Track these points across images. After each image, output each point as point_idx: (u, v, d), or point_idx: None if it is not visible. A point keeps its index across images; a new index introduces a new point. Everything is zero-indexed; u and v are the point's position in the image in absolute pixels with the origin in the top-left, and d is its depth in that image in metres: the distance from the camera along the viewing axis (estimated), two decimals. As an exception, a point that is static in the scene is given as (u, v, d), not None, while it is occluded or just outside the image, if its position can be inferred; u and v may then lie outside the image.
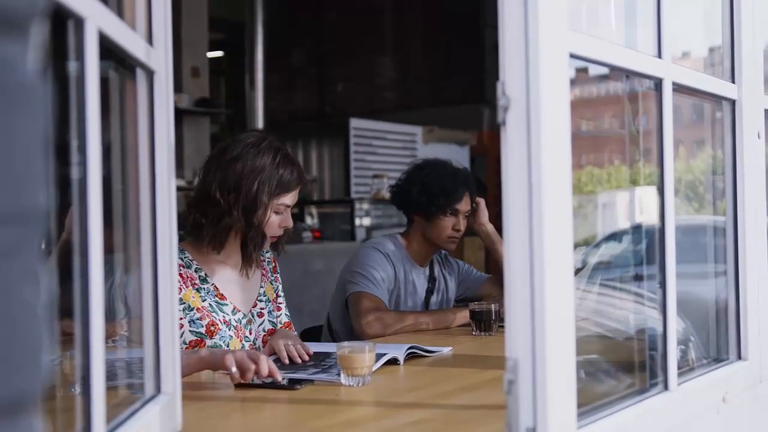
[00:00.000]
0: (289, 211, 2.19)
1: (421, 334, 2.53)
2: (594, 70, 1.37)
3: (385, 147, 7.43)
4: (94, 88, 0.90)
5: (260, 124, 7.69)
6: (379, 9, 8.89)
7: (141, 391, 1.25)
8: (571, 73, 1.14)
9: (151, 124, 1.24)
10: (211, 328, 2.09)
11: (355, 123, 7.31)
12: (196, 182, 2.28)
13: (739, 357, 1.69)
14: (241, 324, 2.18)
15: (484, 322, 2.50)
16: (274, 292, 2.34)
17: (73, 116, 0.89)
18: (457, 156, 5.60)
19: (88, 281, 0.90)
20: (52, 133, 0.58)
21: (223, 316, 2.14)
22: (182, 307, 2.06)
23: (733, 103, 1.69)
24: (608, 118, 1.91)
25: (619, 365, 1.57)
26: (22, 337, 0.52)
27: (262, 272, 2.31)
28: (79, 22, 0.89)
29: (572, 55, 1.13)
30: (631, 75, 1.49)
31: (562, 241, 1.08)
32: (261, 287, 2.29)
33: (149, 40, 1.23)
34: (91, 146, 0.90)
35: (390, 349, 2.02)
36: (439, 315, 2.71)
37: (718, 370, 1.63)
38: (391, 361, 1.98)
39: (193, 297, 2.10)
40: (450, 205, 2.78)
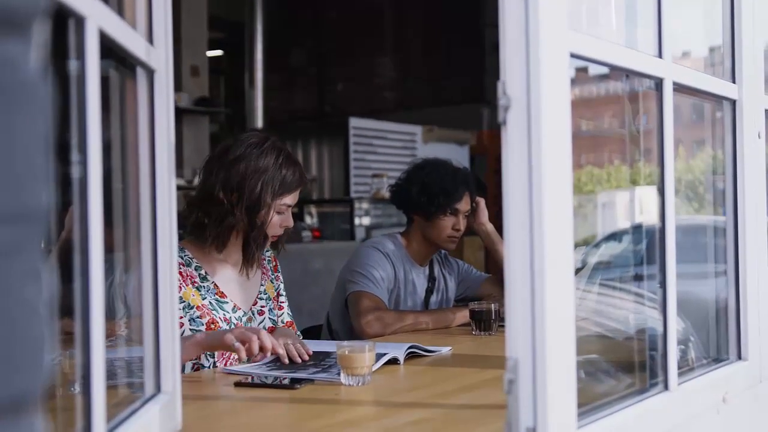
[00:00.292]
0: (290, 210, 2.20)
1: (420, 334, 2.53)
2: (594, 70, 1.37)
3: (384, 146, 7.43)
4: (94, 87, 0.90)
5: (260, 123, 7.69)
6: (379, 8, 8.89)
7: (141, 390, 1.25)
8: (571, 73, 1.14)
9: (151, 123, 1.24)
10: (212, 326, 2.09)
11: (354, 122, 7.31)
12: (198, 182, 2.29)
13: (739, 357, 1.69)
14: (242, 322, 2.18)
15: (484, 322, 2.50)
16: (275, 291, 2.34)
17: (73, 115, 0.89)
18: (456, 155, 5.61)
19: (89, 280, 0.89)
20: (53, 132, 0.58)
21: (224, 314, 2.14)
22: (182, 305, 2.07)
23: (734, 103, 1.69)
24: (608, 118, 1.91)
25: (619, 365, 1.57)
26: (23, 337, 0.52)
27: (262, 271, 2.31)
28: (80, 21, 0.89)
29: (573, 55, 1.13)
30: (632, 75, 1.49)
31: (563, 241, 1.08)
32: (261, 285, 2.29)
33: (150, 39, 1.23)
34: (92, 145, 0.90)
35: (390, 349, 2.02)
36: (439, 314, 2.71)
37: (718, 370, 1.63)
38: (391, 361, 1.98)
39: (193, 295, 2.10)
40: (450, 204, 2.78)
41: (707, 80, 1.63)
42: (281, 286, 2.38)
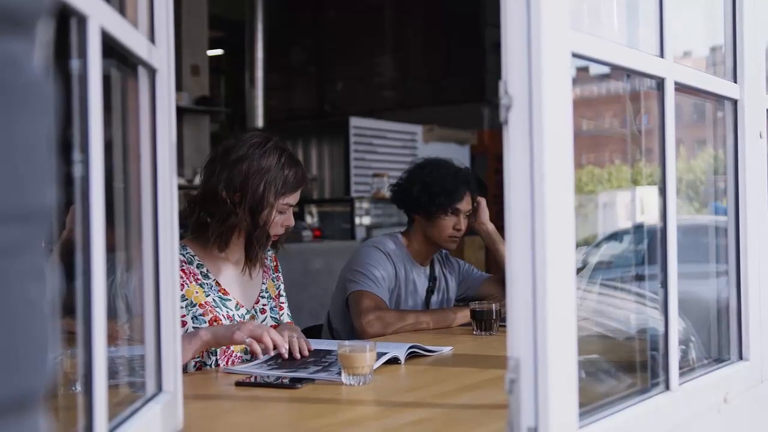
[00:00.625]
0: (291, 210, 2.21)
1: (421, 334, 2.53)
2: (595, 70, 1.37)
3: (385, 146, 7.43)
4: (96, 86, 0.90)
5: (260, 122, 7.69)
6: (380, 8, 8.89)
7: (142, 389, 1.25)
8: (573, 72, 1.14)
9: (153, 122, 1.24)
10: (214, 324, 2.10)
11: (355, 122, 7.31)
12: (199, 181, 2.29)
13: (741, 357, 1.69)
14: (244, 320, 2.19)
15: (485, 322, 2.50)
16: (276, 290, 2.35)
17: (75, 114, 0.89)
18: (457, 155, 5.61)
19: (91, 279, 0.89)
20: (56, 132, 0.58)
21: (227, 312, 2.15)
22: (184, 303, 2.08)
23: (735, 102, 1.69)
24: (609, 118, 1.91)
25: (620, 365, 1.57)
26: (26, 336, 0.52)
27: (264, 269, 2.32)
28: (82, 20, 0.89)
29: (574, 55, 1.13)
30: (633, 74, 1.48)
31: (564, 241, 1.08)
32: (263, 284, 2.30)
33: (151, 39, 1.23)
34: (93, 144, 0.90)
35: (390, 349, 2.02)
36: (440, 314, 2.71)
37: (720, 370, 1.63)
38: (392, 361, 1.98)
39: (196, 292, 2.11)
40: (451, 204, 2.78)
41: (709, 80, 1.63)
42: (281, 286, 2.38)
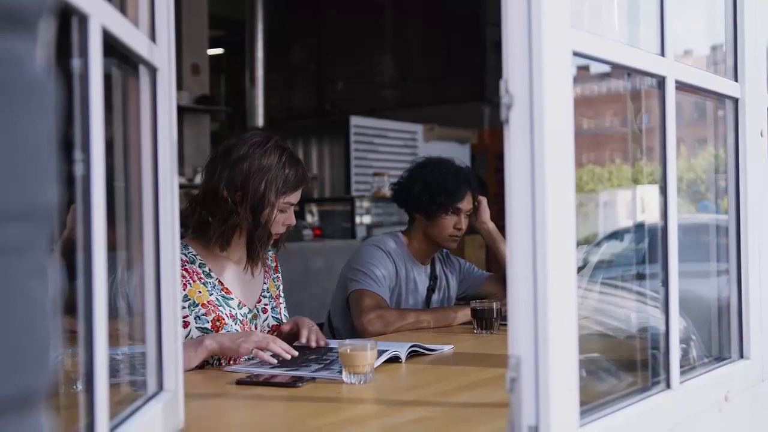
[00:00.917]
0: (292, 209, 2.21)
1: (422, 332, 2.53)
2: (596, 68, 1.37)
3: (385, 145, 7.43)
4: (97, 84, 0.90)
5: (260, 121, 7.69)
6: (379, 7, 8.89)
7: (143, 387, 1.25)
8: (573, 71, 1.14)
9: (153, 121, 1.24)
10: (217, 323, 2.10)
11: (355, 121, 7.31)
12: (200, 181, 2.29)
13: (741, 356, 1.69)
14: (247, 318, 2.20)
15: (486, 321, 2.50)
16: (276, 290, 2.35)
17: (76, 113, 0.89)
18: (457, 154, 5.61)
19: (92, 278, 0.89)
20: (58, 130, 0.58)
21: (230, 311, 2.15)
22: (187, 304, 2.08)
23: (736, 101, 1.69)
24: (610, 116, 1.91)
25: (621, 364, 1.57)
26: (30, 334, 0.52)
27: (265, 269, 2.32)
28: (83, 19, 0.89)
29: (575, 53, 1.13)
30: (634, 73, 1.48)
31: (565, 239, 1.08)
32: (264, 283, 2.30)
33: (152, 38, 1.23)
34: (95, 143, 0.90)
35: (391, 347, 2.03)
36: (441, 313, 2.71)
37: (720, 369, 1.63)
38: (393, 359, 1.98)
39: (199, 291, 2.11)
40: (452, 203, 2.78)
41: (709, 78, 1.63)
42: (281, 286, 2.39)
